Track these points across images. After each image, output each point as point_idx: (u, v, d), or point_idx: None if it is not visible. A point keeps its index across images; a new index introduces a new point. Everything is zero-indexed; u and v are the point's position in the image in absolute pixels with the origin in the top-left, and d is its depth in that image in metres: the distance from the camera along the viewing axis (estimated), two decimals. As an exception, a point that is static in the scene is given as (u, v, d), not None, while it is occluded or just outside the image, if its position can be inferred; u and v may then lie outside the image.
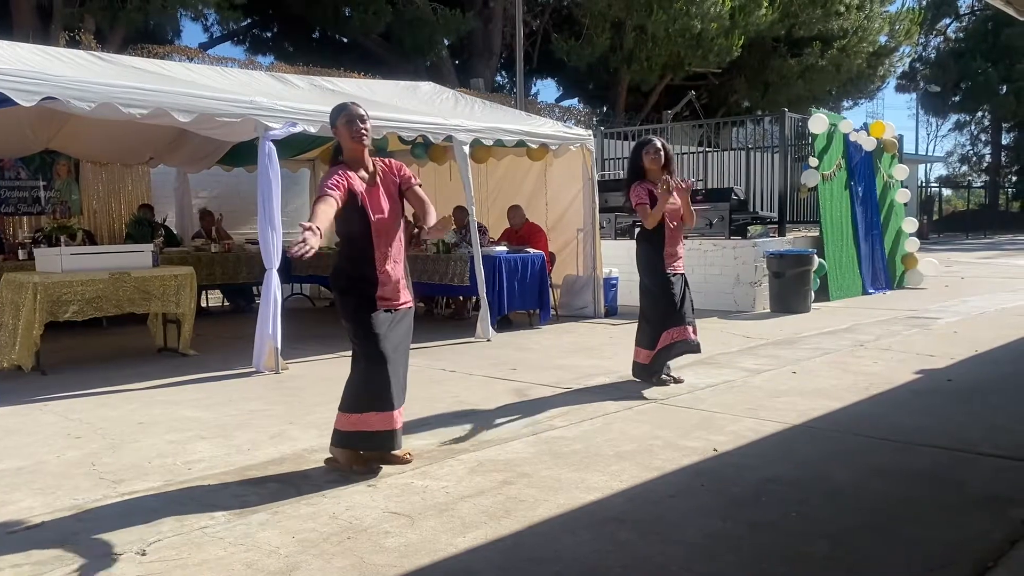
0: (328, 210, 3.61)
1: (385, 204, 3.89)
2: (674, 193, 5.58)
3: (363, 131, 3.88)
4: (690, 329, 5.72)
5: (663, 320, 5.66)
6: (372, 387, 3.83)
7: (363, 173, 3.87)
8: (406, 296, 4.01)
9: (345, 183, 3.75)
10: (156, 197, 11.08)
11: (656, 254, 5.66)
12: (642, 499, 3.51)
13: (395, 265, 3.92)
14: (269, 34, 24.66)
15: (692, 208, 5.76)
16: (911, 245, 12.92)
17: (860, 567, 2.81)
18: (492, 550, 2.99)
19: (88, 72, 6.15)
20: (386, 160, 4.06)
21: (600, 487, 3.64)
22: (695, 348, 5.81)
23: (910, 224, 13.08)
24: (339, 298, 3.99)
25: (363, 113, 3.91)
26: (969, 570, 2.77)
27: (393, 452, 4.01)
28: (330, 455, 4.00)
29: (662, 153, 5.62)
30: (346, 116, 3.88)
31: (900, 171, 12.99)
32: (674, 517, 3.29)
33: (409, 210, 4.07)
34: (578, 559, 2.90)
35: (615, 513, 3.33)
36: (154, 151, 10.17)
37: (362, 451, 3.94)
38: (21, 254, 8.69)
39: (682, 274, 5.76)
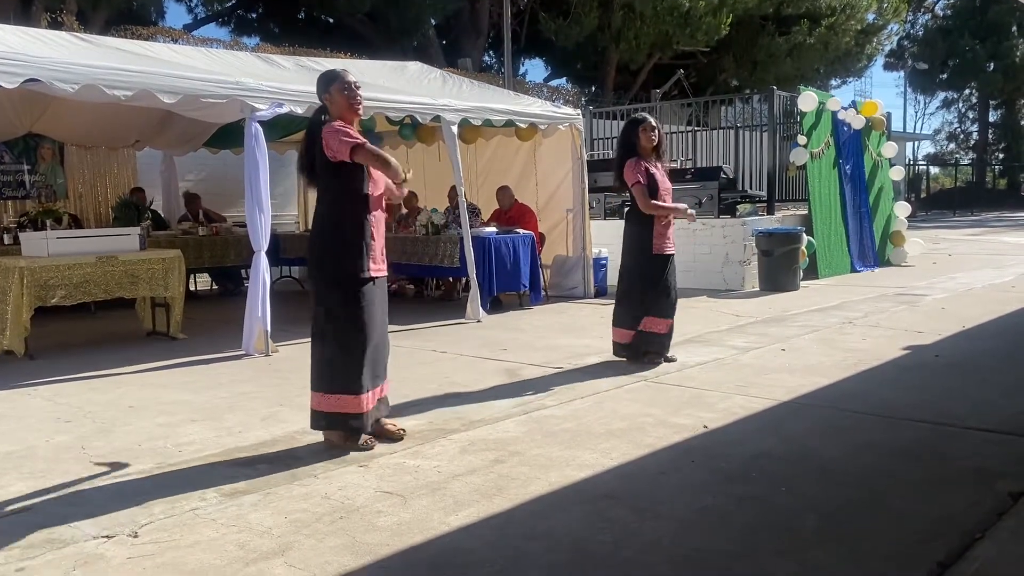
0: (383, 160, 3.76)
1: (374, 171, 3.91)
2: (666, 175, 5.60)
3: (360, 98, 3.85)
4: (672, 322, 5.72)
5: (646, 301, 5.64)
6: (350, 365, 3.83)
7: None
8: (383, 265, 4.00)
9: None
10: (142, 180, 10.98)
11: (646, 235, 5.63)
12: (633, 476, 3.53)
13: (380, 232, 3.93)
14: (254, 15, 24.42)
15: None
16: (899, 225, 12.98)
17: (849, 541, 2.84)
18: (484, 527, 3.01)
19: (71, 54, 6.07)
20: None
21: (591, 464, 3.65)
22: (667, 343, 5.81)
23: (902, 208, 13.12)
24: (332, 269, 3.85)
25: (356, 80, 3.87)
26: (957, 542, 2.80)
27: (385, 427, 4.02)
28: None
29: (657, 131, 5.60)
30: (341, 82, 3.81)
31: (889, 148, 13.02)
32: (665, 493, 3.31)
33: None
34: (570, 535, 2.91)
35: (606, 490, 3.35)
36: (140, 134, 10.08)
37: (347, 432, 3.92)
38: (6, 239, 8.62)
39: (672, 255, 5.73)
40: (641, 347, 5.71)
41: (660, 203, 5.55)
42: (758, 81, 24.56)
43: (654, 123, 5.62)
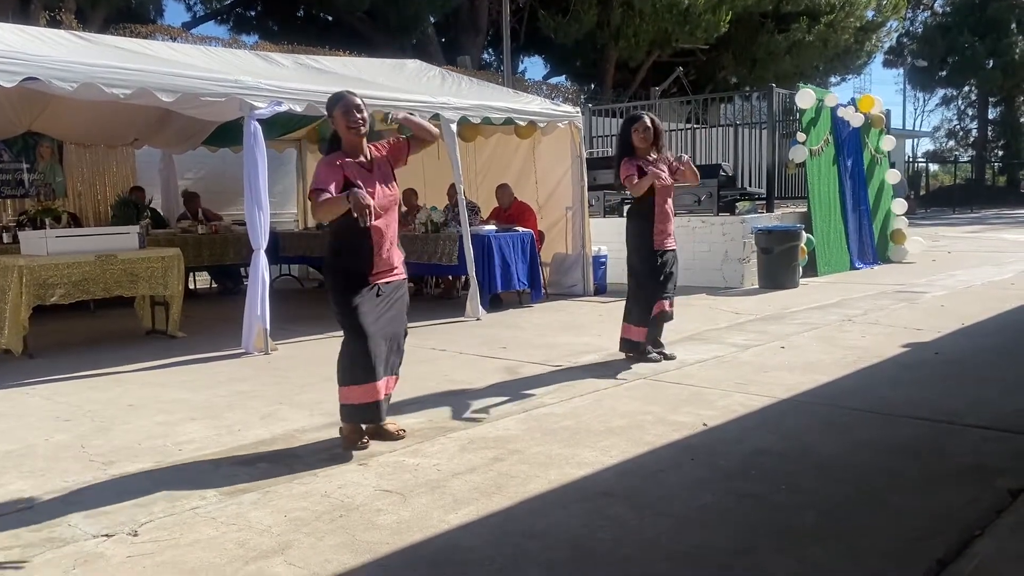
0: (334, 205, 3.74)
1: (380, 190, 3.96)
2: (666, 171, 5.59)
3: (359, 121, 3.91)
4: (666, 302, 5.71)
5: (654, 292, 5.67)
6: (356, 360, 3.89)
7: (361, 159, 3.96)
8: (392, 269, 4.07)
9: (340, 175, 3.84)
10: (141, 179, 10.98)
11: (646, 231, 5.64)
12: (632, 474, 3.53)
13: (390, 246, 4.01)
14: (253, 13, 24.39)
15: (694, 169, 5.67)
16: (899, 223, 12.99)
17: (848, 538, 2.84)
18: (484, 526, 3.01)
19: (70, 52, 6.07)
20: (378, 144, 4.12)
21: (591, 462, 3.65)
22: (670, 316, 5.80)
23: (899, 206, 13.12)
24: (329, 277, 4.06)
25: (359, 103, 3.95)
26: (956, 539, 2.80)
27: (385, 427, 4.04)
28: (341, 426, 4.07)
29: (651, 130, 5.57)
30: (343, 106, 3.92)
31: (887, 142, 13.01)
32: (664, 491, 3.31)
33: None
34: (569, 533, 2.92)
35: (606, 488, 3.35)
36: (138, 132, 10.07)
37: (359, 423, 3.99)
38: (5, 237, 8.62)
39: (673, 251, 5.74)
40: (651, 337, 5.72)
41: (643, 179, 5.49)
42: (757, 79, 24.54)
43: (648, 122, 5.58)
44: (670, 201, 5.71)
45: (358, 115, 3.91)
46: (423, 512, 3.13)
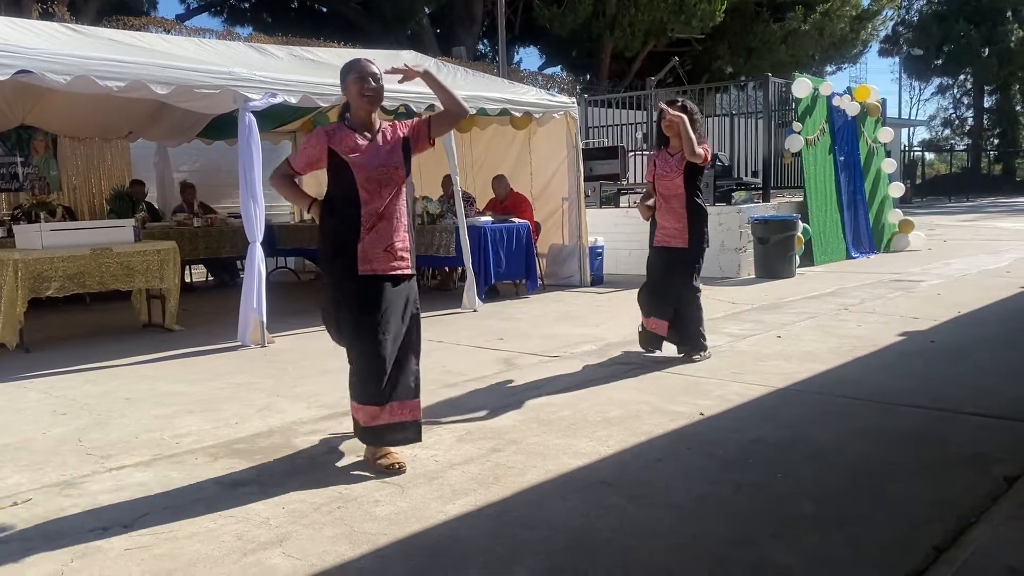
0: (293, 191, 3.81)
1: (376, 161, 3.57)
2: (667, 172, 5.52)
3: (373, 90, 3.59)
4: (666, 324, 5.54)
5: (649, 296, 5.65)
6: (357, 374, 3.60)
7: (364, 132, 3.61)
8: (402, 264, 3.70)
9: (321, 151, 3.56)
10: (136, 172, 10.95)
11: (651, 227, 5.68)
12: (630, 464, 3.53)
13: (385, 228, 3.59)
14: (247, 5, 24.33)
15: (690, 134, 5.22)
16: (894, 216, 13.01)
17: (845, 527, 2.85)
18: (482, 516, 3.01)
19: (63, 44, 6.03)
20: (399, 122, 3.78)
21: (588, 453, 3.66)
22: (654, 337, 5.62)
23: (896, 189, 13.14)
24: (324, 269, 3.75)
25: (376, 71, 3.62)
26: (952, 527, 2.81)
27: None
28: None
29: (686, 113, 5.29)
30: (357, 73, 3.59)
31: (885, 134, 13.03)
32: (661, 481, 3.31)
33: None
34: (567, 523, 2.92)
35: (603, 478, 3.36)
36: (133, 125, 10.03)
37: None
38: (0, 231, 8.59)
39: (677, 248, 5.52)
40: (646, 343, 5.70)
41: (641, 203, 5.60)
42: (753, 68, 24.52)
43: (670, 111, 5.30)
44: (679, 200, 5.52)
45: (373, 83, 3.58)
46: (421, 503, 3.14)
